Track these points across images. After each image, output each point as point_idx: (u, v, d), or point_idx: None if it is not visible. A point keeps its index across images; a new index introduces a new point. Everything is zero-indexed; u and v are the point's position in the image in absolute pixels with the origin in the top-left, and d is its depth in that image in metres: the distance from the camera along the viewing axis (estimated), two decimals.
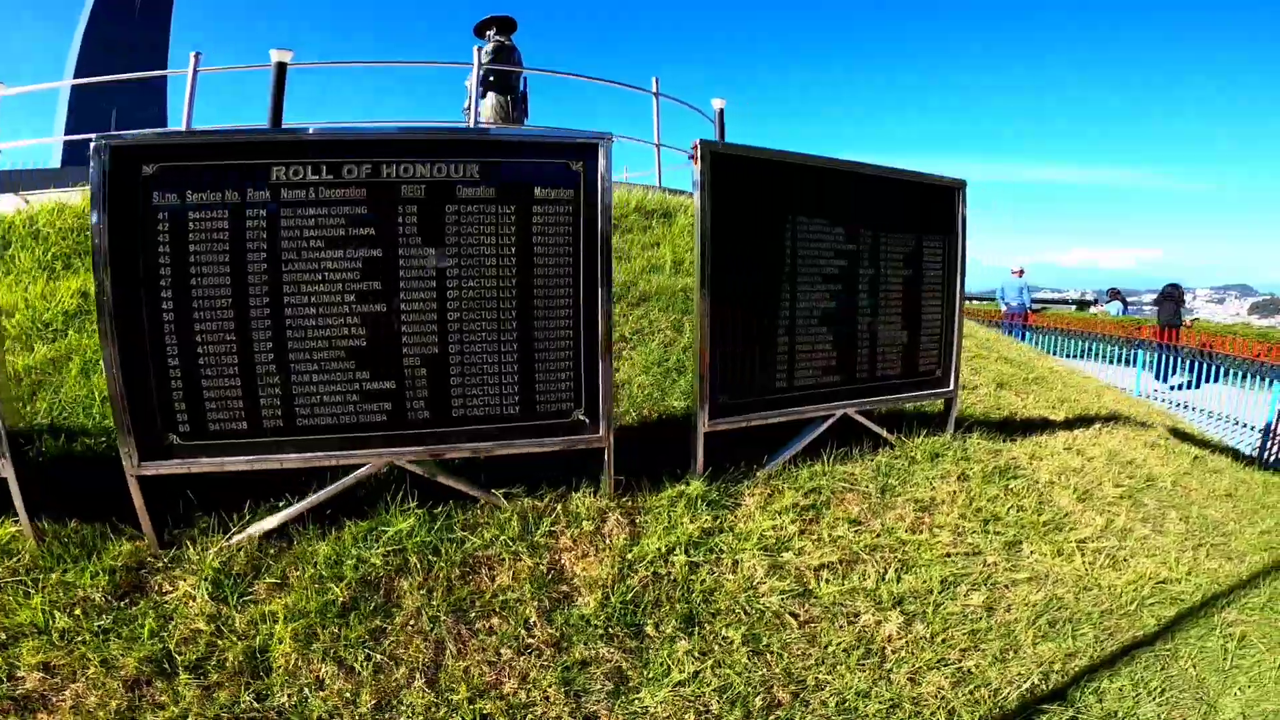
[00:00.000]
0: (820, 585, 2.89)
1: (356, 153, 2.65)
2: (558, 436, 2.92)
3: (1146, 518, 3.85)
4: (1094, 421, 4.96)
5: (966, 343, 5.63)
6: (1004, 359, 5.80)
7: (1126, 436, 4.88)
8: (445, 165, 2.71)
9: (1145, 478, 4.30)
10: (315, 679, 2.25)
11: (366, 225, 2.67)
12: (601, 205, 2.82)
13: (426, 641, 2.41)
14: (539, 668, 2.39)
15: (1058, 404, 5.14)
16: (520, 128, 8.11)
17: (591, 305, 2.87)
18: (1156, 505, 4.00)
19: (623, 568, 2.79)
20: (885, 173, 3.63)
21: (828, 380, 3.49)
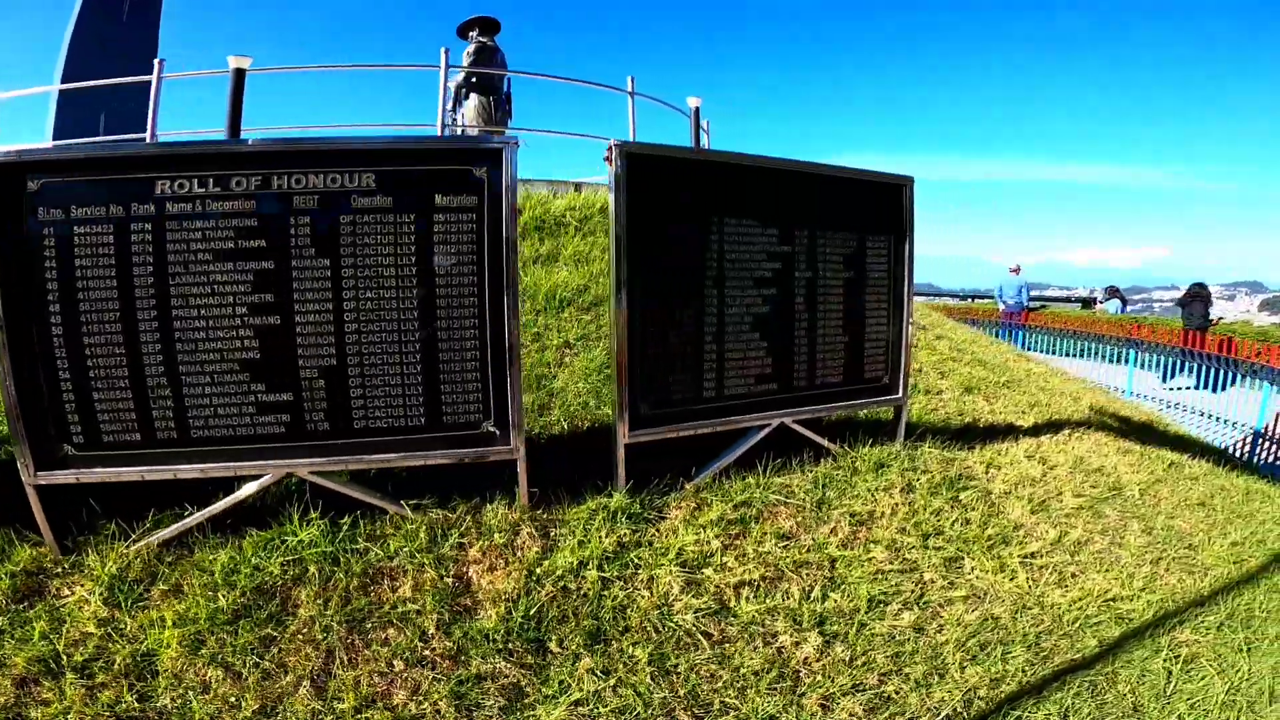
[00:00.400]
0: (739, 603, 2.77)
1: (245, 165, 2.60)
2: (466, 449, 2.84)
3: (1106, 529, 3.68)
4: (1064, 426, 4.78)
5: (939, 345, 5.48)
6: (978, 361, 5.63)
7: (1099, 442, 4.69)
8: (340, 175, 2.65)
9: (1111, 486, 4.12)
10: (200, 683, 2.26)
11: (257, 237, 2.63)
12: (506, 212, 2.74)
13: (317, 650, 2.37)
14: (432, 680, 2.33)
15: (1028, 408, 4.97)
16: (433, 133, 8.00)
17: (498, 314, 2.78)
18: (1118, 516, 3.82)
19: (530, 582, 2.70)
20: (822, 170, 3.49)
21: (762, 389, 3.36)
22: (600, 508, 3.03)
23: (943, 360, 5.33)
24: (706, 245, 3.13)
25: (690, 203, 3.09)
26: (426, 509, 2.90)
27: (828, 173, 3.50)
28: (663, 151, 3.00)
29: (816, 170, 3.45)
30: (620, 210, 2.89)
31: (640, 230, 2.95)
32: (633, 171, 2.92)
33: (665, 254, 3.04)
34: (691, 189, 3.09)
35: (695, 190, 3.10)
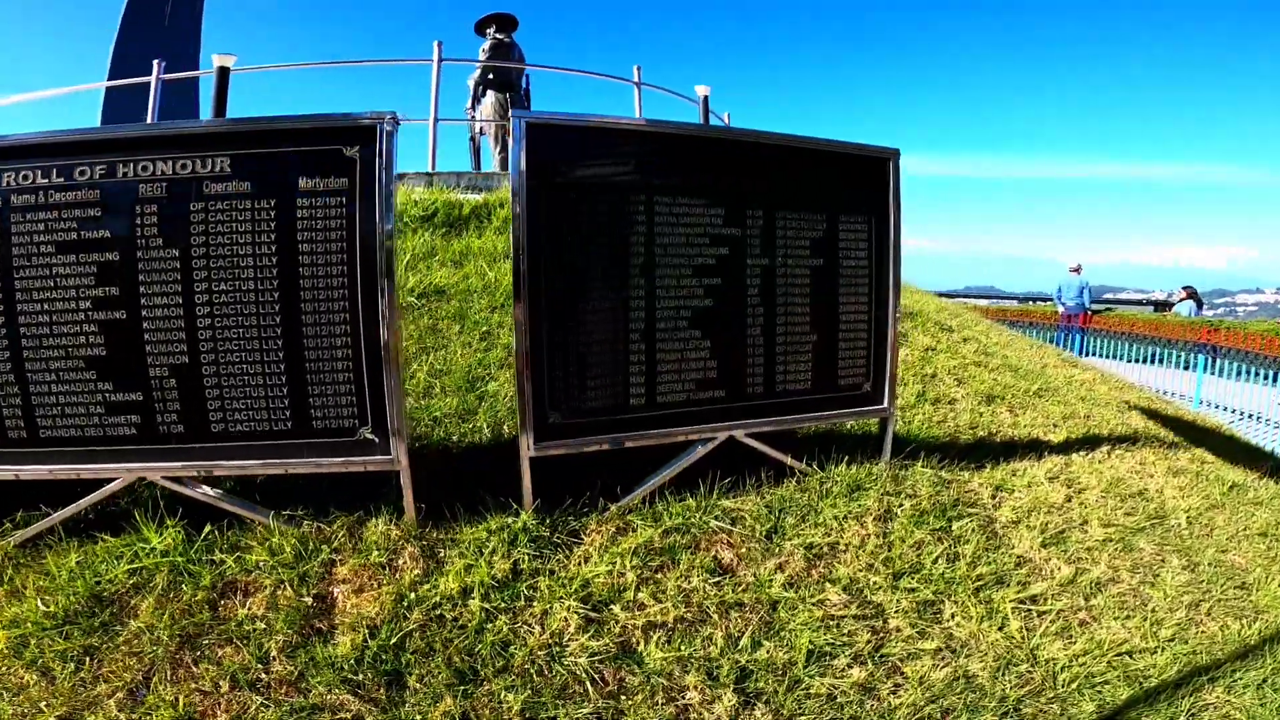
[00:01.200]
0: (647, 648, 2.33)
1: (88, 153, 2.37)
2: (339, 457, 2.51)
3: (1136, 566, 3.05)
4: (1104, 442, 4.09)
5: (963, 349, 4.86)
6: (1008, 367, 4.95)
7: (1144, 460, 3.99)
8: (190, 160, 2.38)
9: (1152, 513, 3.45)
10: (16, 684, 2.09)
11: (102, 228, 2.39)
12: (381, 195, 2.40)
13: (141, 662, 2.15)
14: (259, 706, 2.05)
15: (1061, 421, 4.29)
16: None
17: (372, 309, 2.42)
18: (1155, 550, 3.17)
19: (400, 607, 2.35)
20: (781, 141, 2.99)
21: (705, 396, 2.88)
22: (502, 528, 2.64)
23: (964, 366, 4.69)
24: (632, 229, 2.69)
25: (611, 180, 2.67)
26: (301, 521, 2.57)
27: (789, 144, 3.00)
28: (574, 122, 2.59)
29: (774, 141, 2.96)
30: (520, 189, 2.49)
31: (548, 213, 2.55)
32: (538, 145, 2.52)
33: (579, 240, 2.62)
34: (612, 164, 2.67)
35: (616, 166, 2.68)
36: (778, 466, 3.12)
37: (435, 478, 2.87)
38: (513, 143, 2.49)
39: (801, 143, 3.02)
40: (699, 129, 2.81)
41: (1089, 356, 11.01)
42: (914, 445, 3.57)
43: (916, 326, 5.12)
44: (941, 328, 5.31)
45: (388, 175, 2.41)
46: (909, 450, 3.44)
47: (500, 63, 8.04)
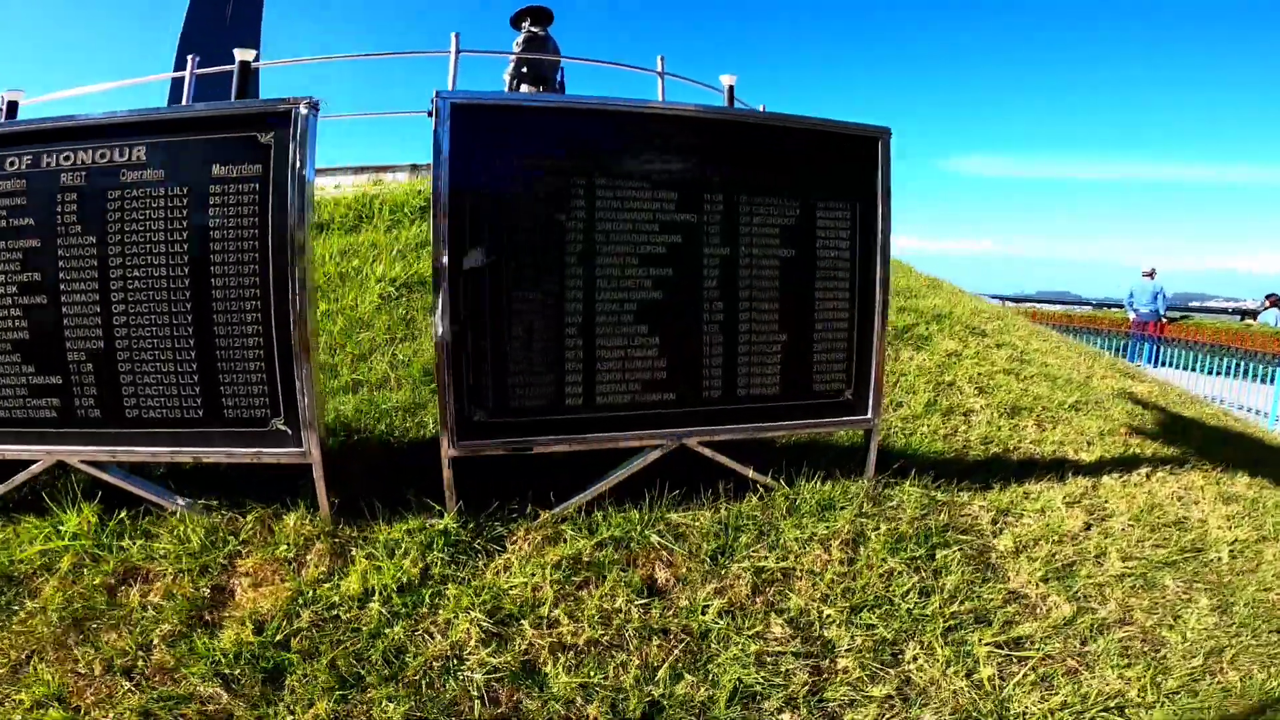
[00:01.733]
0: (553, 670, 2.12)
1: (15, 144, 2.37)
2: (250, 447, 2.42)
3: (1155, 606, 2.63)
4: (1144, 463, 3.60)
5: (994, 355, 4.42)
6: (1045, 376, 4.46)
7: (1190, 485, 3.49)
8: (108, 150, 2.36)
9: (1188, 545, 3.00)
10: None
11: (26, 216, 2.38)
12: (295, 182, 2.29)
13: (29, 641, 2.09)
14: (127, 692, 1.96)
15: (1098, 438, 3.81)
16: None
17: (283, 297, 2.32)
18: (1182, 586, 2.74)
19: (295, 604, 2.23)
20: (745, 119, 2.71)
21: (653, 399, 2.64)
22: (419, 530, 2.48)
23: (992, 374, 4.25)
24: (568, 215, 2.48)
25: (545, 164, 2.46)
26: (214, 510, 2.48)
27: (756, 121, 2.72)
28: (503, 102, 2.42)
29: (737, 119, 2.68)
30: (443, 173, 2.32)
31: (474, 199, 2.37)
32: (463, 127, 2.35)
33: (508, 226, 2.43)
34: (546, 147, 2.46)
35: (552, 148, 2.46)
36: (738, 479, 2.84)
37: (372, 472, 2.76)
38: (435, 124, 2.32)
39: (771, 120, 2.73)
40: (647, 106, 2.57)
41: (1161, 368, 10.04)
42: (911, 461, 3.22)
43: (942, 330, 4.69)
44: (972, 331, 4.85)
45: (302, 162, 2.31)
46: (901, 466, 3.09)
47: (533, 55, 7.94)
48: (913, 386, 3.88)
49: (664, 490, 2.71)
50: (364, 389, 3.19)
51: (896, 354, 4.24)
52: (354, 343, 3.45)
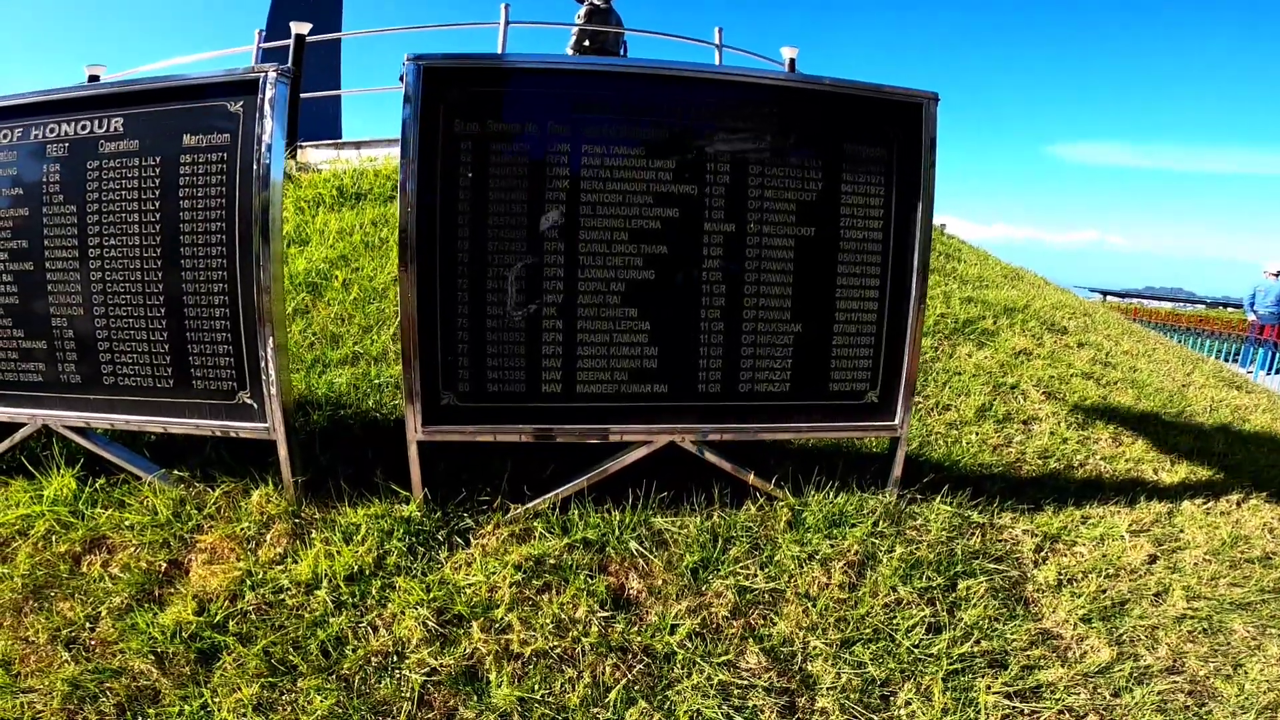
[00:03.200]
0: (497, 679, 1.95)
1: (7, 117, 2.39)
2: (219, 420, 2.37)
3: (1214, 653, 2.23)
4: (1233, 489, 3.08)
5: (1074, 356, 3.93)
6: (1130, 383, 3.90)
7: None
8: (89, 121, 2.34)
9: (1270, 585, 2.54)
10: None
11: (16, 187, 2.40)
12: (262, 151, 2.18)
13: None
14: (64, 662, 1.95)
15: (1182, 457, 3.29)
16: None
17: (249, 268, 2.22)
18: (1253, 631, 2.31)
19: (243, 585, 2.16)
20: (756, 79, 2.38)
21: (641, 390, 2.40)
22: (383, 515, 2.36)
23: (1065, 378, 3.74)
24: (549, 184, 2.25)
25: (524, 130, 2.24)
26: (188, 482, 2.44)
27: (767, 83, 2.39)
28: (477, 63, 2.20)
29: (747, 79, 2.36)
30: (411, 140, 2.14)
31: (446, 168, 2.20)
32: (434, 90, 2.17)
33: (483, 197, 2.22)
34: (526, 111, 2.24)
35: (533, 112, 2.24)
36: (740, 485, 2.57)
37: (352, 450, 2.66)
38: (404, 88, 2.13)
39: (789, 82, 2.41)
40: (641, 65, 2.28)
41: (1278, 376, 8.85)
42: (949, 474, 2.86)
43: (1013, 325, 4.18)
44: (1049, 328, 4.31)
45: (272, 129, 2.20)
46: (934, 480, 2.73)
47: (595, 27, 7.69)
48: (966, 388, 3.46)
49: (651, 491, 2.48)
50: (363, 361, 3.09)
51: (953, 350, 3.80)
52: (364, 314, 3.37)
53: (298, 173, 4.82)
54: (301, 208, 4.28)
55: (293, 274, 3.56)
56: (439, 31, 10.90)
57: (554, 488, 2.45)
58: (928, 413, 3.26)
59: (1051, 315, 4.53)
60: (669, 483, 2.52)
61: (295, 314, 3.34)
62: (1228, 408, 3.96)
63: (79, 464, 2.52)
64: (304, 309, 3.39)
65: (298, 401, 2.81)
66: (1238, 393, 4.37)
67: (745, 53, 7.57)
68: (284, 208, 4.20)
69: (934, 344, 3.82)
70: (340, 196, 4.44)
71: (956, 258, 5.32)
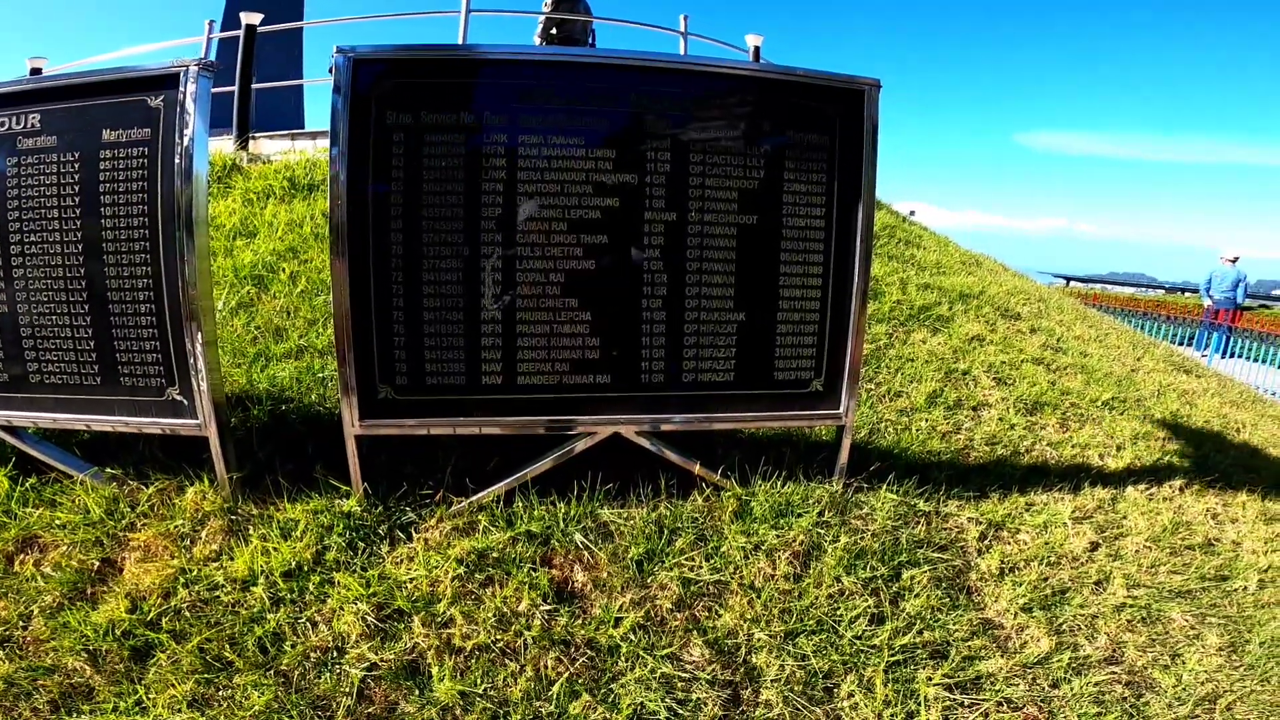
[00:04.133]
0: (439, 673, 1.94)
1: None
2: (149, 417, 2.31)
3: (1152, 642, 2.27)
4: (1177, 474, 3.14)
5: (1025, 342, 3.97)
6: (1080, 368, 3.96)
7: (1229, 501, 3.02)
8: (6, 118, 2.26)
9: (1210, 572, 2.59)
10: None
11: None
12: (184, 146, 2.13)
13: None
14: None
15: (1128, 442, 3.34)
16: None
17: (173, 261, 2.16)
18: (1191, 621, 2.36)
19: (177, 582, 2.12)
20: (699, 67, 2.36)
21: (583, 381, 2.38)
22: (323, 510, 2.32)
23: (1016, 363, 3.79)
24: (485, 174, 2.21)
25: (459, 120, 2.20)
26: (121, 480, 2.40)
27: (712, 70, 2.36)
28: (408, 54, 2.15)
29: (689, 68, 2.34)
30: (341, 133, 2.09)
31: (379, 159, 2.15)
32: (365, 82, 2.13)
33: (415, 189, 2.18)
34: (461, 101, 2.20)
35: (467, 102, 2.20)
36: (688, 476, 2.56)
37: (294, 444, 2.61)
38: (335, 78, 2.08)
39: (732, 69, 2.37)
40: (580, 54, 2.27)
41: (1232, 359, 9.06)
42: (897, 462, 2.87)
43: (968, 311, 4.22)
44: (1003, 314, 4.35)
45: (193, 124, 2.14)
46: (882, 468, 2.74)
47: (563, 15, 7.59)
48: (919, 375, 3.48)
49: (597, 483, 2.46)
50: (307, 354, 3.03)
51: (908, 336, 3.83)
52: (310, 307, 3.30)
53: (248, 164, 4.71)
54: (250, 200, 4.18)
55: (238, 267, 3.48)
56: (402, 20, 10.67)
57: (498, 480, 2.43)
58: (879, 400, 3.28)
59: (1006, 301, 4.58)
60: (615, 474, 2.51)
61: (239, 308, 3.26)
62: (1175, 392, 4.03)
63: (10, 463, 2.45)
64: (248, 302, 3.31)
65: (238, 396, 2.75)
66: (1187, 377, 4.46)
67: (711, 40, 7.58)
68: (232, 200, 4.13)
69: (889, 330, 3.84)
70: (292, 188, 4.34)
71: (916, 244, 5.35)
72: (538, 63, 2.27)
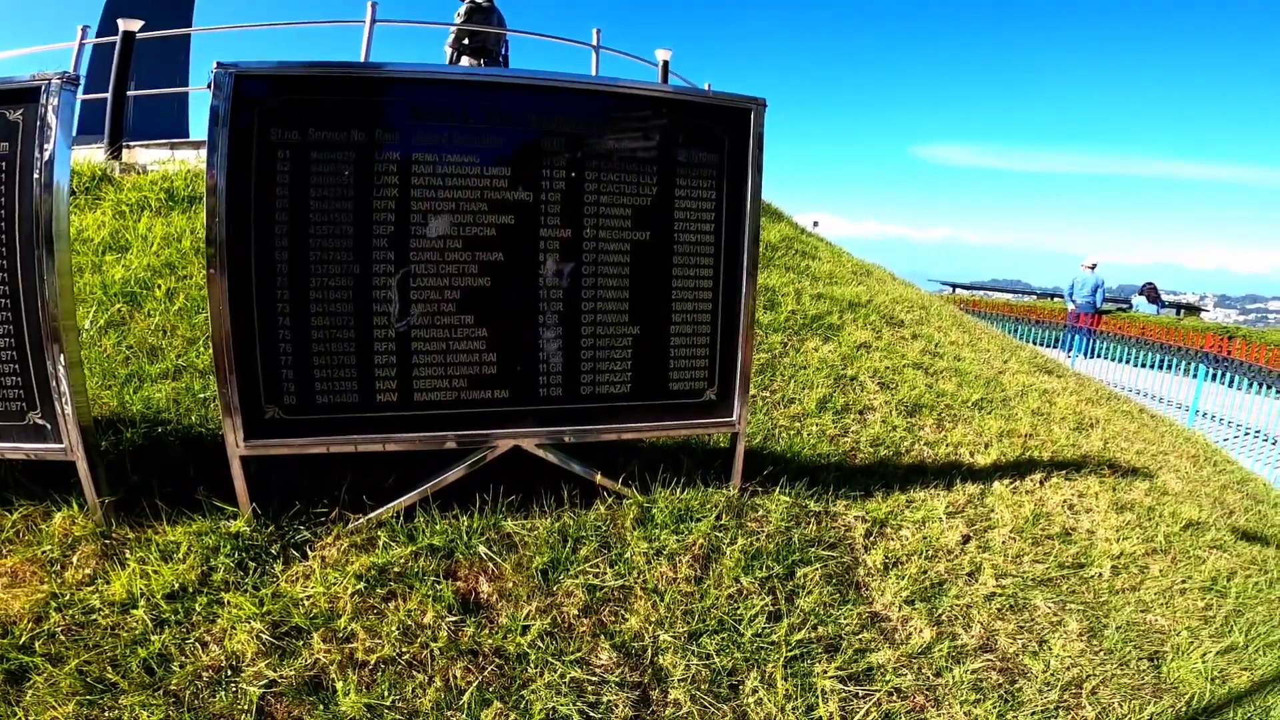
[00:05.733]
0: (343, 688, 1.88)
1: None
2: (8, 442, 2.20)
3: (1022, 629, 2.47)
4: (1041, 468, 3.45)
5: (907, 348, 4.22)
6: (954, 371, 4.28)
7: (1085, 491, 3.34)
8: None
9: (1068, 560, 2.85)
10: None
11: None
12: (44, 160, 2.03)
13: None
14: None
15: (995, 440, 3.63)
16: None
17: (30, 275, 2.02)
18: (1054, 608, 2.58)
19: (49, 607, 1.99)
20: (593, 86, 2.43)
21: (481, 397, 2.38)
22: (208, 532, 2.22)
23: (898, 368, 4.05)
24: (376, 193, 2.19)
25: (349, 138, 2.17)
26: None
27: (606, 89, 2.44)
28: (293, 71, 2.12)
29: (583, 87, 2.40)
30: (221, 149, 2.03)
31: (262, 175, 2.11)
32: (247, 99, 2.07)
33: (302, 205, 2.14)
34: (351, 119, 2.17)
35: (358, 120, 2.18)
36: (590, 485, 2.60)
37: (172, 467, 2.49)
38: (215, 97, 2.01)
39: (623, 89, 2.45)
40: (469, 74, 2.29)
41: (1094, 360, 10.04)
42: (789, 465, 3.01)
43: (856, 319, 4.48)
44: (889, 321, 4.65)
45: (55, 139, 2.04)
46: (774, 472, 2.88)
47: (475, 27, 7.55)
48: (810, 381, 3.67)
49: (500, 495, 2.47)
50: (186, 375, 2.88)
51: (801, 345, 4.02)
52: (189, 325, 3.13)
53: (120, 175, 4.42)
54: (122, 212, 3.92)
55: (107, 284, 3.26)
56: (301, 29, 10.30)
57: (397, 496, 2.40)
58: (773, 406, 3.43)
59: (891, 309, 4.88)
60: (518, 486, 2.53)
61: (109, 326, 3.06)
62: (1037, 391, 4.42)
63: None
64: (119, 320, 3.11)
65: (108, 419, 2.59)
66: (1049, 377, 4.89)
67: (622, 54, 7.69)
68: (102, 212, 3.87)
69: (784, 339, 4.02)
70: (170, 200, 4.10)
71: (812, 255, 5.61)
72: (433, 81, 2.28)
